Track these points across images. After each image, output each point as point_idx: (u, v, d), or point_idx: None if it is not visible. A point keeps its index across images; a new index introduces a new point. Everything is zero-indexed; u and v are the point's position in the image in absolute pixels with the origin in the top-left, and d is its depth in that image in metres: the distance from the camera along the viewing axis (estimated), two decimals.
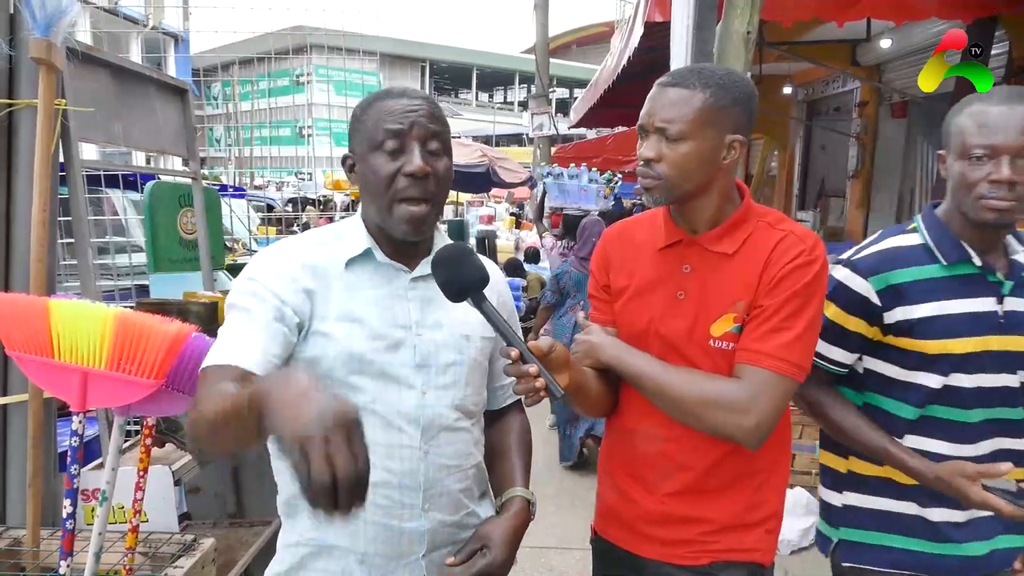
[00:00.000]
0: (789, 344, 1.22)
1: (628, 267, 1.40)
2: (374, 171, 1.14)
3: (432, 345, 1.21)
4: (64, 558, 1.37)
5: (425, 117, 1.15)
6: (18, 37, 1.70)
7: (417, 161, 1.13)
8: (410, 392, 1.18)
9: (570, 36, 33.41)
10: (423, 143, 1.15)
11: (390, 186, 1.14)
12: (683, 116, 1.24)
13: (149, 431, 1.51)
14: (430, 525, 1.20)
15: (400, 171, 1.13)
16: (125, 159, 5.60)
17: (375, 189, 1.15)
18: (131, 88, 2.10)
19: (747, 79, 1.31)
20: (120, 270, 2.94)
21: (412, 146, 1.13)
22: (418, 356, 1.19)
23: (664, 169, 1.26)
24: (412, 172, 1.12)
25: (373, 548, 1.17)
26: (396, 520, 1.18)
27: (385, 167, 1.13)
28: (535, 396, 1.09)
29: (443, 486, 1.21)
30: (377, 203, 1.16)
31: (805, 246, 1.26)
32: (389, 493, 1.16)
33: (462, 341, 1.24)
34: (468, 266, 1.10)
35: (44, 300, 1.31)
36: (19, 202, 1.73)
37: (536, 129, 11.76)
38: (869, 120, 9.58)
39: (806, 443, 3.69)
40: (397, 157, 1.13)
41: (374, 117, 1.15)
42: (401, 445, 1.17)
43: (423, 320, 1.21)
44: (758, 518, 1.35)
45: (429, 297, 1.21)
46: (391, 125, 1.13)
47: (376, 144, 1.14)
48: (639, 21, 5.51)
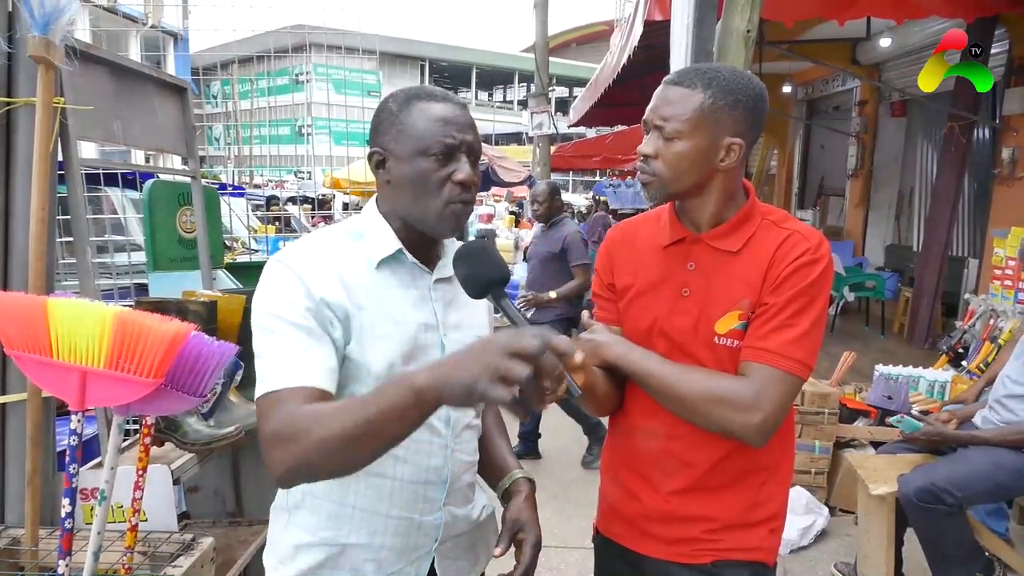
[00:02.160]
0: (794, 341, 1.22)
1: (632, 266, 1.40)
2: (423, 175, 1.15)
3: (458, 345, 1.22)
4: (63, 557, 1.36)
5: (470, 129, 1.19)
6: (17, 35, 1.69)
7: (468, 170, 1.16)
8: None
9: (570, 35, 33.40)
10: (469, 154, 1.18)
11: (441, 190, 1.16)
12: (679, 115, 1.24)
13: (148, 430, 1.50)
14: (446, 519, 1.24)
15: (450, 178, 1.16)
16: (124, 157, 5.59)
17: (423, 191, 1.16)
18: (130, 86, 2.09)
19: (755, 81, 1.29)
20: (119, 269, 2.94)
21: (462, 156, 1.17)
22: (445, 356, 1.20)
23: (659, 167, 1.27)
24: (463, 181, 1.16)
25: (390, 542, 1.20)
26: (417, 514, 1.21)
27: (436, 173, 1.15)
28: (553, 396, 1.09)
29: (461, 480, 1.27)
30: (422, 204, 1.17)
31: (810, 244, 1.26)
32: (417, 489, 1.20)
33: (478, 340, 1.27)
34: (489, 263, 1.11)
35: (43, 299, 1.31)
36: (18, 200, 1.72)
37: (536, 128, 11.73)
38: (868, 119, 9.58)
39: (805, 442, 3.69)
40: (447, 164, 1.16)
41: (420, 121, 1.16)
42: (433, 442, 1.21)
43: (447, 320, 1.24)
44: (762, 517, 1.35)
45: (449, 298, 1.24)
46: (446, 139, 1.15)
47: (426, 151, 1.15)
48: (639, 19, 5.50)
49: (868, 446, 3.77)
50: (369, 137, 1.24)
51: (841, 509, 3.75)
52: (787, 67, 9.62)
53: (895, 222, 9.64)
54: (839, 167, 10.64)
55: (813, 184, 12.05)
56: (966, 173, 7.12)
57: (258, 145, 5.29)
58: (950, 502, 2.52)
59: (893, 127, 9.51)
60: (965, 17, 5.65)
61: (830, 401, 3.72)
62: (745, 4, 2.86)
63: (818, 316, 1.25)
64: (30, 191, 1.64)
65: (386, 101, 1.22)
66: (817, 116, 11.61)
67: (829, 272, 1.27)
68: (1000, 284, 5.01)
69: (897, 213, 9.63)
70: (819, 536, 3.48)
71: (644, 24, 5.30)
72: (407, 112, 1.17)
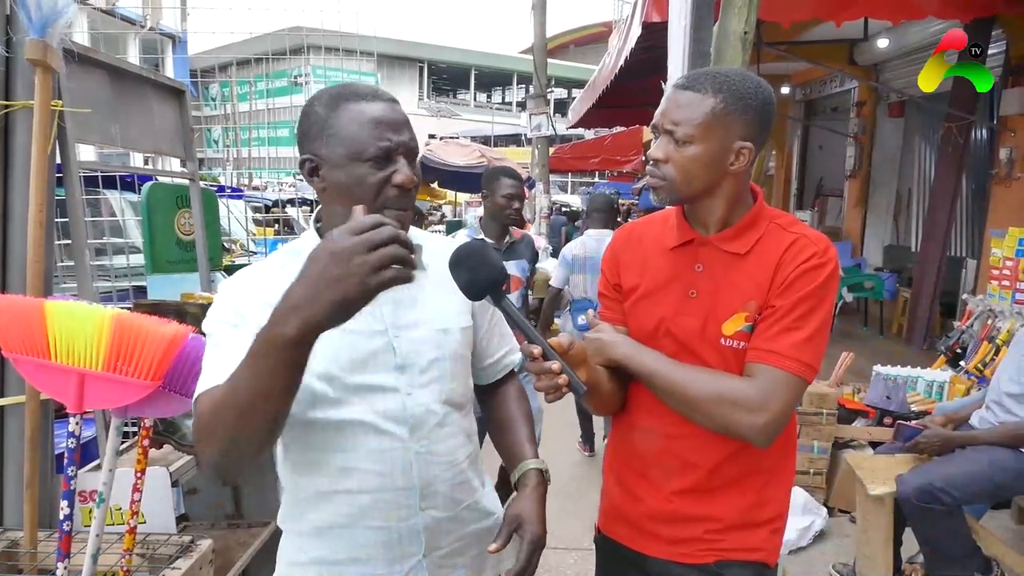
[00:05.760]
0: (801, 344, 1.23)
1: (639, 266, 1.40)
2: (359, 181, 1.12)
3: (411, 345, 1.20)
4: (61, 559, 1.36)
5: (405, 127, 1.16)
6: (14, 38, 1.69)
7: (406, 172, 1.13)
8: (395, 395, 1.17)
9: (568, 36, 33.41)
10: (406, 155, 1.15)
11: (378, 196, 1.13)
12: (690, 120, 1.24)
13: (147, 432, 1.50)
14: (426, 523, 1.20)
15: (388, 181, 1.13)
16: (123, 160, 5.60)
17: (359, 198, 1.12)
18: (128, 89, 2.09)
19: (764, 85, 1.29)
20: (118, 271, 2.94)
21: (399, 159, 1.14)
22: (399, 358, 1.18)
23: (670, 171, 1.27)
24: (402, 183, 1.13)
25: (376, 553, 1.18)
26: (394, 521, 1.18)
27: (372, 177, 1.12)
28: (557, 393, 1.09)
29: (438, 482, 1.21)
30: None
31: (817, 249, 1.27)
32: (384, 496, 1.17)
33: (440, 336, 1.23)
34: (488, 266, 1.09)
35: (40, 301, 1.31)
36: (16, 203, 1.73)
37: (534, 129, 11.73)
38: (867, 120, 9.59)
39: (804, 442, 3.69)
40: (383, 167, 1.13)
41: (352, 124, 1.13)
42: (392, 448, 1.17)
43: (397, 321, 1.20)
44: (764, 517, 1.35)
45: (399, 298, 1.20)
46: (381, 142, 1.12)
47: (360, 155, 1.12)
48: (637, 21, 5.51)
49: (867, 446, 3.77)
50: (298, 144, 1.19)
51: (840, 509, 3.75)
52: (785, 68, 9.64)
53: (893, 223, 9.66)
54: (837, 168, 10.65)
55: (811, 185, 12.06)
56: (964, 173, 7.13)
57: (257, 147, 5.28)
58: (948, 502, 2.53)
59: (891, 128, 9.53)
60: (962, 18, 5.66)
61: (829, 401, 3.72)
62: (742, 6, 2.87)
63: (824, 319, 1.25)
64: (28, 194, 1.64)
65: (311, 104, 1.18)
66: (815, 117, 11.62)
67: (835, 276, 1.28)
68: (998, 284, 5.01)
69: (895, 213, 9.64)
70: (817, 536, 3.48)
71: (642, 26, 5.32)
72: (336, 115, 1.13)
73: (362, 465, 1.15)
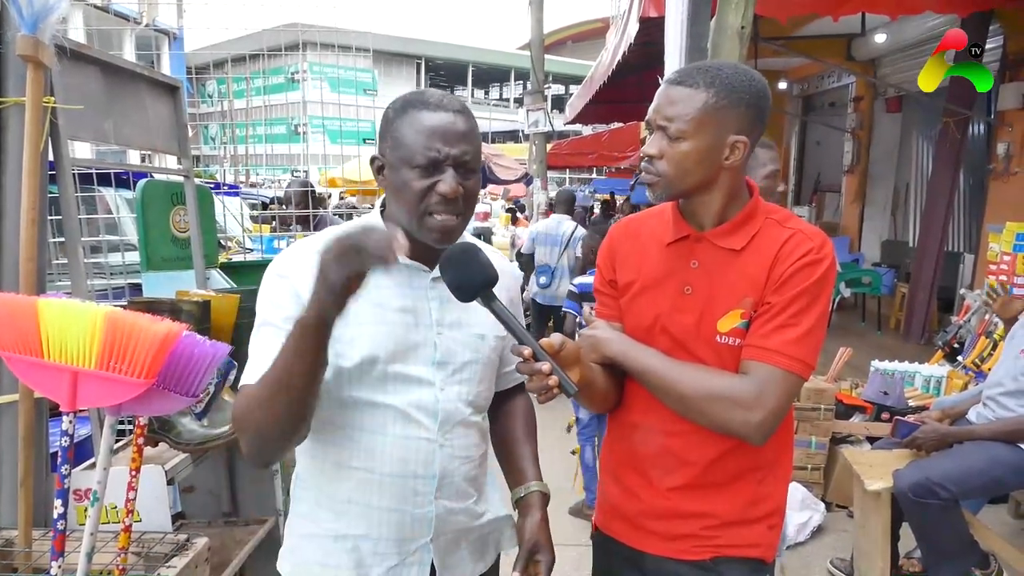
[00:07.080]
0: (796, 341, 1.22)
1: (634, 262, 1.39)
2: (405, 185, 1.16)
3: (452, 344, 1.25)
4: (56, 558, 1.35)
5: (461, 139, 1.16)
6: (6, 34, 1.68)
7: (451, 183, 1.15)
8: (429, 388, 1.22)
9: (565, 32, 33.39)
10: (457, 166, 1.16)
11: (422, 201, 1.16)
12: (683, 115, 1.23)
13: (141, 430, 1.49)
14: (438, 512, 1.25)
15: (433, 188, 1.15)
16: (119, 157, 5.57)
17: (406, 201, 1.17)
18: (122, 85, 2.08)
19: (757, 77, 1.28)
20: (113, 268, 2.93)
21: (447, 169, 1.15)
22: (439, 354, 1.23)
23: (664, 166, 1.26)
24: (444, 193, 1.15)
25: (386, 532, 1.23)
26: (409, 506, 1.23)
27: (418, 183, 1.15)
28: (548, 394, 1.10)
29: (455, 475, 1.26)
30: (408, 213, 1.18)
31: (813, 244, 1.26)
32: (405, 482, 1.22)
33: (478, 340, 1.28)
34: (476, 266, 1.10)
35: (33, 299, 1.30)
36: (8, 201, 1.71)
37: (531, 125, 11.70)
38: (864, 115, 9.59)
39: (802, 438, 3.70)
40: (431, 175, 1.15)
41: (410, 130, 1.16)
42: (419, 437, 1.21)
43: (443, 319, 1.24)
44: (761, 514, 1.35)
45: (447, 296, 1.22)
46: (430, 152, 1.14)
47: (410, 162, 1.15)
48: (634, 17, 5.50)
49: (864, 442, 3.78)
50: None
51: (837, 505, 3.76)
52: (782, 63, 9.64)
53: (891, 218, 9.67)
54: (835, 163, 10.66)
55: (809, 180, 12.07)
56: (961, 169, 7.13)
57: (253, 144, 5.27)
58: (945, 497, 2.53)
59: (888, 123, 9.53)
60: (959, 12, 5.66)
61: (826, 397, 3.73)
62: (739, 1, 2.86)
63: (820, 316, 1.25)
64: (20, 191, 1.63)
65: (388, 107, 1.22)
66: (812, 112, 11.63)
67: (832, 272, 1.27)
68: (995, 279, 5.02)
69: (893, 209, 9.65)
70: (815, 532, 3.49)
71: (639, 21, 5.30)
72: (400, 120, 1.18)
73: (388, 449, 1.20)
